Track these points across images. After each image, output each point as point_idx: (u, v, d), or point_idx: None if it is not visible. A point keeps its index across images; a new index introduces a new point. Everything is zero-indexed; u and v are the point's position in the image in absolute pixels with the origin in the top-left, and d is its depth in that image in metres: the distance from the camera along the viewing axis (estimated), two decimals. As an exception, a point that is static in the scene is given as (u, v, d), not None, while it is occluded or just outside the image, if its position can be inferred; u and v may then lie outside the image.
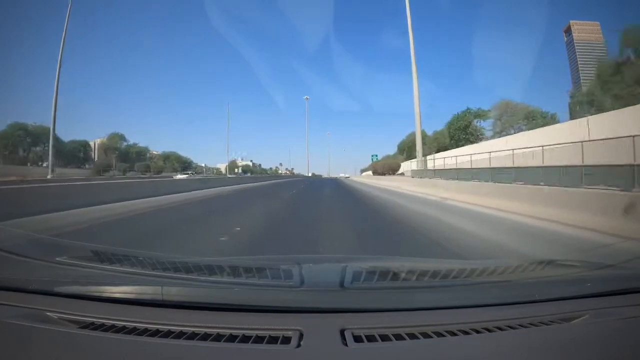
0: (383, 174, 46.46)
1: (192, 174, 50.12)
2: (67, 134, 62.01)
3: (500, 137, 31.27)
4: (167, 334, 0.87)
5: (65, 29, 27.72)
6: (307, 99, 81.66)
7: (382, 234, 5.94)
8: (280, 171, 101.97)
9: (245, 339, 0.85)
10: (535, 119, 34.97)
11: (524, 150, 15.78)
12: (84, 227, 6.01)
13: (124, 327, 0.90)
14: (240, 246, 4.67)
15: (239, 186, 23.52)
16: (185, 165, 68.56)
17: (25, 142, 50.65)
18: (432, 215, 8.11)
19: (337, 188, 23.32)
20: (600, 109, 21.25)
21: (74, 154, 56.93)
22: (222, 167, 77.41)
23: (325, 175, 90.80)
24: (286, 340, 0.85)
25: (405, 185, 18.84)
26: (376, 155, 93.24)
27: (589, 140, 12.57)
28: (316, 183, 33.74)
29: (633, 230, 4.18)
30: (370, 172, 61.97)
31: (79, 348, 0.84)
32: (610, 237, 4.27)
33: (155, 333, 0.88)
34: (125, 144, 64.07)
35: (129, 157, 62.56)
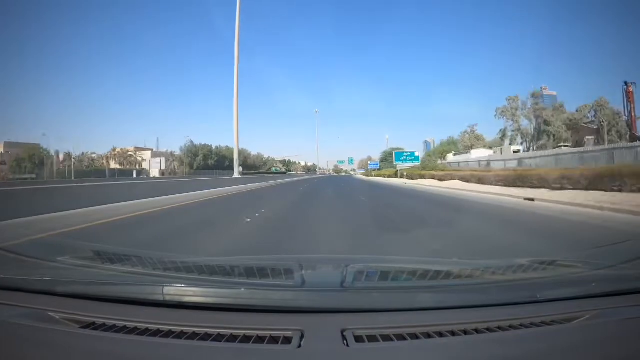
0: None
1: None
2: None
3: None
4: (168, 334, 0.87)
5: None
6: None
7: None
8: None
9: (246, 339, 0.85)
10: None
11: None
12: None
13: (124, 327, 0.90)
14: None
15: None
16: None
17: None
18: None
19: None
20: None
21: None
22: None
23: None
24: (287, 340, 0.85)
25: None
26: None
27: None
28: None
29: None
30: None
31: (80, 348, 0.84)
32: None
33: (156, 333, 0.88)
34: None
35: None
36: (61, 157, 57.21)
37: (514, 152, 39.66)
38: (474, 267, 1.68)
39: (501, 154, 40.44)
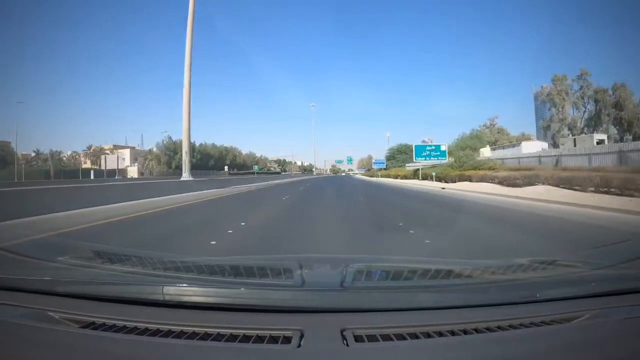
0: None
1: None
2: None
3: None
4: (168, 334, 0.88)
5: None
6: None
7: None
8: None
9: (245, 338, 0.86)
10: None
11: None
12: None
13: (124, 327, 0.90)
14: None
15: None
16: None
17: None
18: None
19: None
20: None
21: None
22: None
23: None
24: (287, 340, 0.85)
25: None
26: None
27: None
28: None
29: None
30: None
31: (80, 348, 0.84)
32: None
33: (156, 333, 0.88)
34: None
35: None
36: (32, 155, 54.56)
37: (598, 142, 28.27)
38: (474, 266, 1.68)
39: (574, 145, 28.91)
